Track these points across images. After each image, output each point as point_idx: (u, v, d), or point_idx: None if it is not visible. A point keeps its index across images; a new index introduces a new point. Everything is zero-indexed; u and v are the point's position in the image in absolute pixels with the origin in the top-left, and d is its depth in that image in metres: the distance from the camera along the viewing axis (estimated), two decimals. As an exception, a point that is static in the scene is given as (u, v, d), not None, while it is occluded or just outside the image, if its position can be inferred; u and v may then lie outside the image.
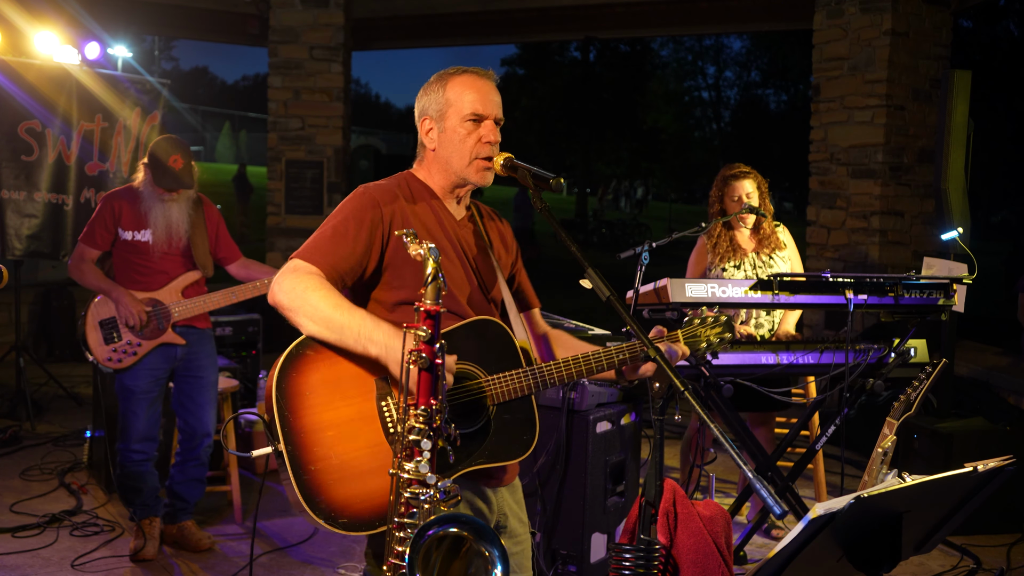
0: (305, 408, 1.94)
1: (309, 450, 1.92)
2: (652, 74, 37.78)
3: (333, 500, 1.91)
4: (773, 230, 4.44)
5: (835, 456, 5.41)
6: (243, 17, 9.63)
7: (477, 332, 2.11)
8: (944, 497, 1.84)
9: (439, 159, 2.22)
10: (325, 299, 1.97)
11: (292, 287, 1.99)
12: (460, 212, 2.27)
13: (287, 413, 1.93)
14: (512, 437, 2.09)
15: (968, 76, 4.93)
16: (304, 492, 1.89)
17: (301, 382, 1.96)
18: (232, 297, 4.05)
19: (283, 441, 1.91)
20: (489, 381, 2.07)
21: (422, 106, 2.25)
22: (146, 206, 4.00)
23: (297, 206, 9.19)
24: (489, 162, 2.19)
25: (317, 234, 2.11)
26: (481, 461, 2.05)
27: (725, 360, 3.87)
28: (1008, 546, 4.43)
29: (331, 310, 1.96)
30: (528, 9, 9.85)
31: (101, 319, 3.97)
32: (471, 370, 2.07)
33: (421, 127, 2.25)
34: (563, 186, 2.15)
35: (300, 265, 2.04)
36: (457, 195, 2.26)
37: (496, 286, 2.26)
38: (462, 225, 2.25)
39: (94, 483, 5.02)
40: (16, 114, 6.15)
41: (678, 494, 2.90)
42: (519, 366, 2.12)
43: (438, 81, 2.23)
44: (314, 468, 1.91)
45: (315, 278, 2.01)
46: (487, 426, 2.06)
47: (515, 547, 2.24)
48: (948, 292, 3.88)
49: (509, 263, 2.36)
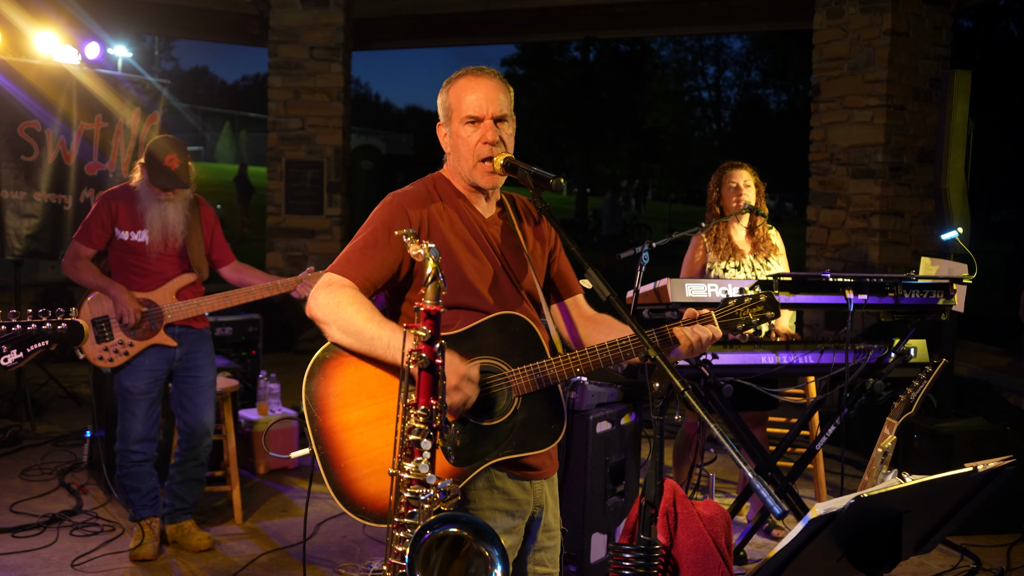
0: (333, 408, 2.06)
1: (338, 448, 2.03)
2: (652, 74, 37.75)
3: (362, 494, 2.02)
4: (767, 232, 4.47)
5: (835, 456, 5.41)
6: (243, 17, 9.63)
7: (501, 327, 2.17)
8: (944, 497, 1.84)
9: (453, 163, 2.28)
10: (358, 312, 2.06)
11: (327, 301, 2.08)
12: (490, 209, 2.31)
13: (316, 414, 2.04)
14: (539, 427, 2.15)
15: (968, 76, 4.93)
16: (334, 486, 2.02)
17: (328, 384, 2.07)
18: (226, 301, 4.05)
19: (314, 441, 2.03)
20: (513, 373, 2.13)
21: (439, 111, 2.31)
22: (143, 206, 4.00)
23: (297, 206, 9.19)
24: (489, 163, 2.20)
25: (350, 246, 2.19)
26: (509, 452, 2.12)
27: (725, 360, 3.87)
28: (1008, 546, 4.43)
29: (363, 323, 2.05)
30: (528, 9, 9.85)
31: (93, 317, 3.97)
32: (495, 364, 2.13)
33: (439, 132, 2.31)
34: (563, 186, 2.16)
35: (334, 279, 2.13)
36: (484, 193, 2.29)
37: (528, 278, 2.29)
38: (491, 222, 2.29)
39: (94, 483, 5.02)
40: (16, 114, 6.15)
41: (678, 494, 2.90)
42: (544, 358, 2.16)
43: (444, 85, 2.28)
44: (343, 464, 2.03)
45: (347, 291, 2.10)
46: (513, 417, 2.12)
47: (548, 541, 2.31)
48: (948, 292, 3.88)
49: (547, 252, 2.38)
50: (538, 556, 2.30)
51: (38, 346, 2.49)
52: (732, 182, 4.39)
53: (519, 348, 2.16)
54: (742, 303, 2.29)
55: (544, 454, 2.21)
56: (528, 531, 2.27)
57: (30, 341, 2.47)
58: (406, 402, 1.86)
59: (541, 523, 2.28)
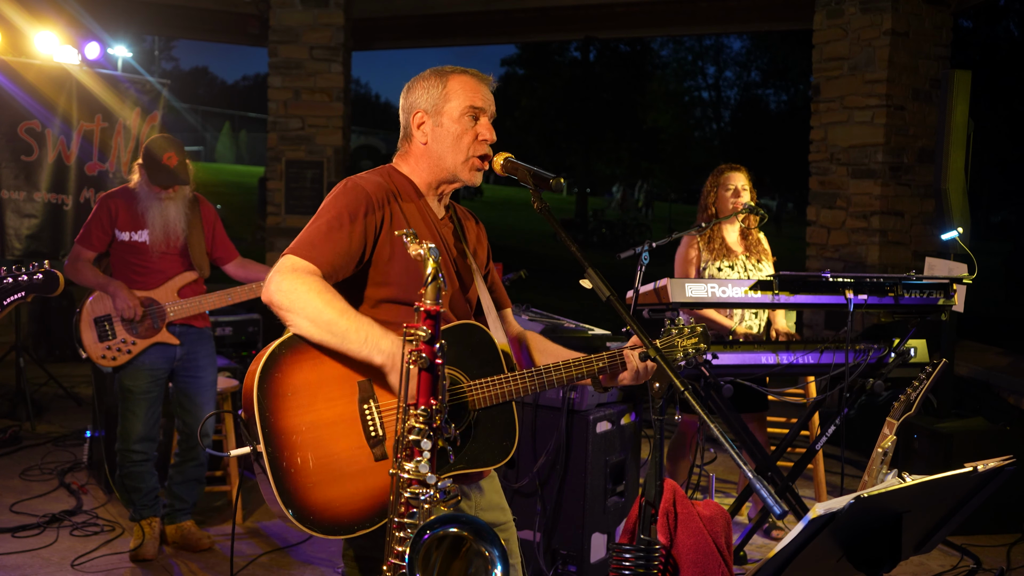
0: (286, 409, 1.90)
1: (289, 452, 1.88)
2: (652, 74, 37.76)
3: (312, 502, 1.88)
4: (759, 236, 4.51)
5: (835, 456, 5.41)
6: (243, 17, 9.63)
7: (460, 336, 2.07)
8: (944, 497, 1.84)
9: (430, 154, 2.18)
10: (329, 304, 1.92)
11: (292, 287, 1.93)
12: (441, 211, 2.24)
13: (268, 413, 1.88)
14: (492, 443, 2.08)
15: (968, 76, 4.93)
16: (283, 493, 1.86)
17: (284, 382, 1.91)
18: (228, 299, 4.06)
19: (263, 441, 1.87)
20: (472, 386, 2.05)
21: (413, 99, 2.20)
22: (143, 206, 4.01)
23: (297, 206, 9.19)
24: (483, 162, 2.18)
25: (311, 229, 2.04)
26: (461, 466, 2.04)
27: (725, 360, 3.87)
28: (1008, 546, 4.43)
29: (336, 315, 1.91)
30: (528, 9, 9.84)
31: (96, 316, 3.98)
32: (454, 375, 2.05)
33: (412, 120, 2.19)
34: (563, 186, 2.14)
35: (298, 264, 1.98)
36: (440, 192, 2.22)
37: (473, 286, 2.24)
38: (443, 224, 2.23)
39: (94, 483, 5.02)
40: (16, 114, 6.15)
41: (678, 494, 2.90)
42: (501, 371, 2.10)
43: (436, 76, 2.19)
44: (294, 470, 1.88)
45: (315, 279, 1.95)
46: (468, 431, 2.05)
47: (503, 534, 2.23)
48: (948, 292, 3.88)
49: (486, 258, 2.34)
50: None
51: (15, 298, 2.50)
52: (730, 184, 4.41)
53: (477, 360, 2.08)
54: (681, 333, 2.29)
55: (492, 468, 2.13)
56: None
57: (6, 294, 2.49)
58: (406, 403, 1.85)
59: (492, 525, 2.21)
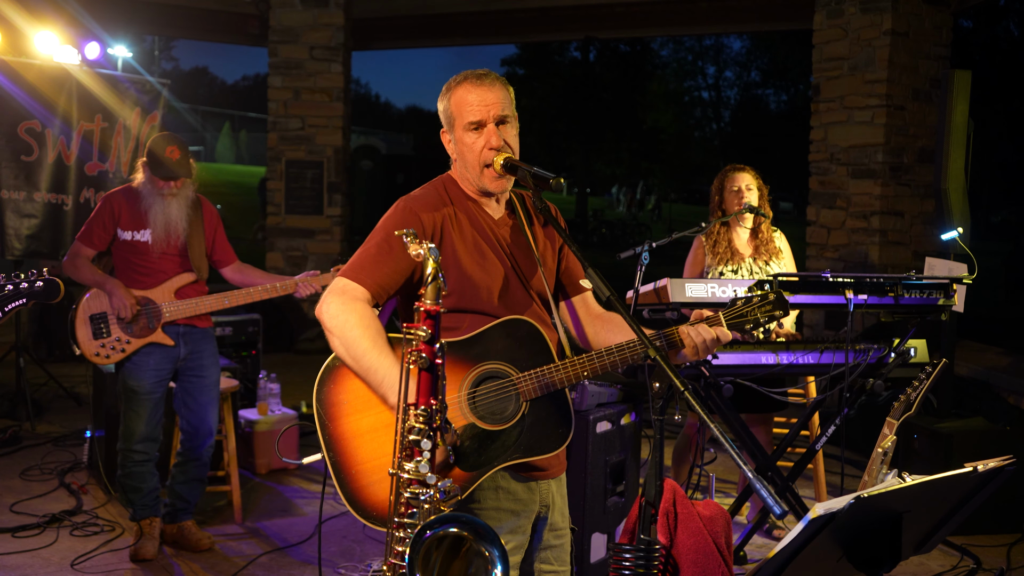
0: (340, 416, 2.11)
1: (348, 455, 2.09)
2: (652, 74, 37.75)
3: (371, 499, 2.07)
4: (771, 235, 4.45)
5: (835, 456, 5.41)
6: (243, 17, 9.64)
7: (508, 331, 2.18)
8: (944, 497, 1.84)
9: (460, 169, 2.28)
10: (364, 336, 2.07)
11: (338, 312, 2.10)
12: (499, 211, 2.31)
13: (326, 421, 2.10)
14: (547, 431, 2.17)
15: (968, 76, 4.93)
16: (346, 493, 2.08)
17: (338, 392, 2.12)
18: (225, 302, 4.06)
19: (324, 446, 2.08)
20: (521, 378, 2.14)
21: (441, 118, 2.31)
22: (145, 204, 4.01)
23: (297, 206, 9.20)
24: (490, 168, 2.21)
25: (361, 252, 2.19)
26: (517, 456, 2.13)
27: (725, 360, 3.87)
28: (1008, 546, 4.43)
29: (365, 350, 2.06)
30: (528, 9, 9.84)
31: (91, 314, 3.98)
32: (503, 369, 2.14)
33: (443, 138, 2.31)
34: (563, 186, 2.16)
35: (348, 287, 2.13)
36: (493, 196, 2.29)
37: (537, 279, 2.29)
38: (501, 224, 2.29)
39: (94, 483, 5.02)
40: (16, 114, 6.15)
41: (678, 494, 2.90)
42: (551, 362, 2.17)
43: (445, 92, 2.27)
44: (354, 471, 2.09)
45: (360, 306, 2.11)
46: (521, 422, 2.14)
47: (555, 540, 2.31)
48: (948, 292, 3.88)
49: (556, 250, 2.37)
50: (544, 555, 2.30)
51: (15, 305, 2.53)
52: (735, 185, 4.39)
53: (527, 352, 2.17)
54: (750, 302, 2.28)
55: (551, 456, 2.22)
56: (534, 530, 2.28)
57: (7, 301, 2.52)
58: (405, 402, 1.86)
59: (548, 522, 2.28)
